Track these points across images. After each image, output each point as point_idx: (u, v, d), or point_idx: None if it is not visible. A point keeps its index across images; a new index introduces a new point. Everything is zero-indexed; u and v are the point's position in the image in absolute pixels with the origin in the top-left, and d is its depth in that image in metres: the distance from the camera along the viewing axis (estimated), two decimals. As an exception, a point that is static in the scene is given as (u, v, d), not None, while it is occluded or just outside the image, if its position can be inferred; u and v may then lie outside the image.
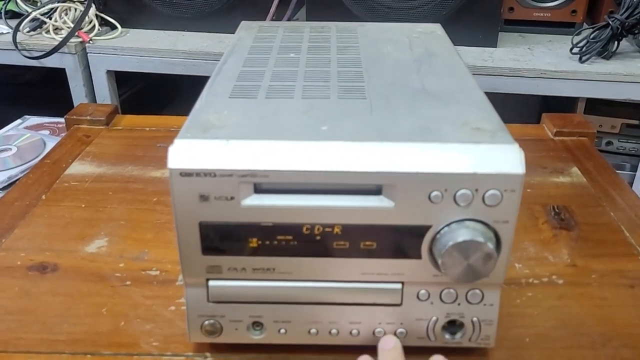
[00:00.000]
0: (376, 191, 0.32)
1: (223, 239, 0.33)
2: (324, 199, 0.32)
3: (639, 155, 1.04)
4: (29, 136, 0.94)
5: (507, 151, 0.31)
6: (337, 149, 0.32)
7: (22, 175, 0.85)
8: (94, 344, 0.39)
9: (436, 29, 0.54)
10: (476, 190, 0.31)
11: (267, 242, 0.33)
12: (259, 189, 0.32)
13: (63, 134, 0.94)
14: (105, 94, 1.09)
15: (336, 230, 0.33)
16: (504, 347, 0.39)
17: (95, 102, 1.10)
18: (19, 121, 1.02)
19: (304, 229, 0.33)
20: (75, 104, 1.08)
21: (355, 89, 0.39)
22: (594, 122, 1.08)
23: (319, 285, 0.35)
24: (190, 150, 0.32)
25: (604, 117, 1.08)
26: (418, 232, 0.33)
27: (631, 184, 1.05)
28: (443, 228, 0.32)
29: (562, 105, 1.15)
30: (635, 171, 1.04)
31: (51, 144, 0.92)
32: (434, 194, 0.31)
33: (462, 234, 0.32)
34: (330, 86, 0.40)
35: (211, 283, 0.35)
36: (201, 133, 0.33)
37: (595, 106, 1.08)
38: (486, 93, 0.39)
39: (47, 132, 0.97)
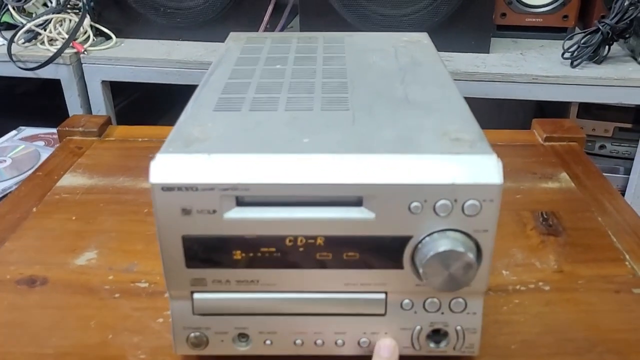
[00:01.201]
0: (357, 202, 0.32)
1: (206, 252, 0.34)
2: (306, 211, 0.33)
3: (632, 159, 1.04)
4: (23, 147, 0.95)
5: (486, 162, 0.32)
6: (318, 161, 0.32)
7: (16, 187, 0.85)
8: (82, 357, 0.39)
9: (422, 37, 0.55)
10: (455, 200, 0.32)
11: (251, 255, 0.34)
12: (241, 202, 0.32)
13: (58, 145, 0.95)
14: (100, 104, 1.09)
15: (319, 241, 0.33)
16: (490, 355, 0.39)
17: (91, 112, 1.10)
18: (13, 132, 1.02)
19: (287, 240, 0.33)
20: (71, 114, 1.09)
21: (339, 100, 0.40)
22: (587, 125, 1.09)
23: (303, 297, 0.35)
24: (172, 165, 0.32)
25: (597, 121, 1.09)
26: (399, 243, 0.33)
27: (625, 187, 1.05)
28: (424, 238, 0.33)
29: (556, 109, 1.16)
30: (629, 174, 1.04)
31: (46, 155, 0.92)
32: (413, 204, 0.32)
33: (443, 243, 0.32)
34: (314, 97, 0.40)
35: (196, 296, 0.35)
36: (183, 147, 0.33)
37: (588, 110, 1.09)
38: (479, 99, 0.40)
39: (42, 143, 0.98)
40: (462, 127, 0.35)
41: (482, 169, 0.31)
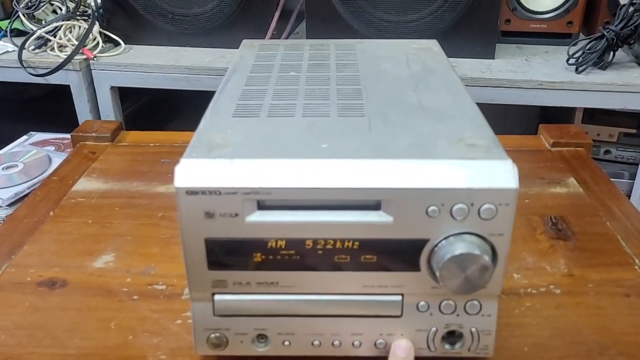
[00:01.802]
0: (375, 206, 0.33)
1: (228, 255, 0.34)
2: (325, 215, 0.33)
3: (637, 164, 1.05)
4: (34, 152, 0.96)
5: (501, 166, 0.33)
6: (337, 166, 0.33)
7: (28, 191, 0.87)
8: (104, 357, 0.40)
9: (432, 45, 0.56)
10: (472, 204, 0.32)
11: (271, 257, 0.34)
12: (262, 206, 0.33)
13: (68, 150, 0.96)
14: (109, 109, 1.11)
15: (338, 244, 0.34)
16: (502, 357, 0.40)
17: (100, 117, 1.11)
18: (24, 137, 1.03)
19: (307, 243, 0.34)
20: (80, 119, 1.10)
21: (354, 106, 0.41)
22: (592, 131, 1.10)
23: (321, 298, 0.36)
24: (196, 170, 0.33)
25: (601, 126, 1.10)
26: (416, 246, 0.34)
27: (630, 192, 1.06)
28: (440, 241, 0.33)
29: (560, 114, 1.17)
30: (634, 179, 1.05)
31: (57, 160, 0.94)
32: (431, 208, 0.33)
33: (459, 247, 0.33)
34: (330, 104, 0.41)
35: (217, 297, 0.36)
36: (206, 152, 0.34)
37: (593, 115, 1.10)
38: (484, 104, 0.41)
39: (52, 148, 0.99)
40: (476, 133, 0.36)
41: (498, 173, 0.32)
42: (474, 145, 0.35)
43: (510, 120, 1.43)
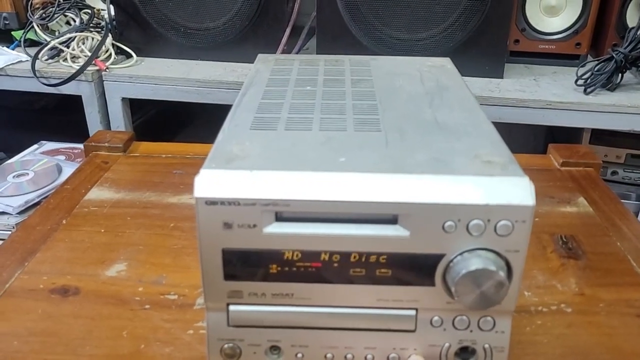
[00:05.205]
0: (392, 220, 0.33)
1: (244, 265, 0.35)
2: (342, 228, 0.34)
3: (645, 185, 1.05)
4: (45, 161, 0.97)
5: (518, 183, 0.33)
6: (355, 179, 0.33)
7: (38, 199, 0.87)
8: (115, 366, 0.40)
9: (446, 62, 0.56)
10: (488, 220, 0.33)
11: (287, 269, 0.35)
12: (280, 218, 0.34)
13: (79, 160, 0.97)
14: (119, 120, 1.11)
15: (353, 257, 0.34)
16: (514, 374, 0.40)
17: (110, 128, 1.12)
18: (35, 146, 1.04)
19: (323, 256, 0.34)
20: (90, 130, 1.11)
21: (371, 121, 0.41)
22: (599, 152, 1.10)
23: (335, 311, 0.36)
24: (216, 180, 0.33)
25: (609, 147, 1.10)
26: (432, 261, 0.34)
27: (637, 213, 1.06)
28: (456, 257, 0.34)
29: (568, 135, 1.17)
30: (641, 201, 1.05)
31: (67, 169, 0.94)
32: (447, 223, 0.33)
33: (475, 262, 0.33)
34: (347, 118, 0.42)
35: (232, 308, 0.36)
36: (225, 163, 0.35)
37: (601, 136, 1.10)
38: (493, 123, 0.41)
39: (62, 157, 1.00)
40: (492, 150, 0.37)
41: (515, 190, 0.33)
42: (490, 162, 0.35)
43: (517, 140, 1.43)
